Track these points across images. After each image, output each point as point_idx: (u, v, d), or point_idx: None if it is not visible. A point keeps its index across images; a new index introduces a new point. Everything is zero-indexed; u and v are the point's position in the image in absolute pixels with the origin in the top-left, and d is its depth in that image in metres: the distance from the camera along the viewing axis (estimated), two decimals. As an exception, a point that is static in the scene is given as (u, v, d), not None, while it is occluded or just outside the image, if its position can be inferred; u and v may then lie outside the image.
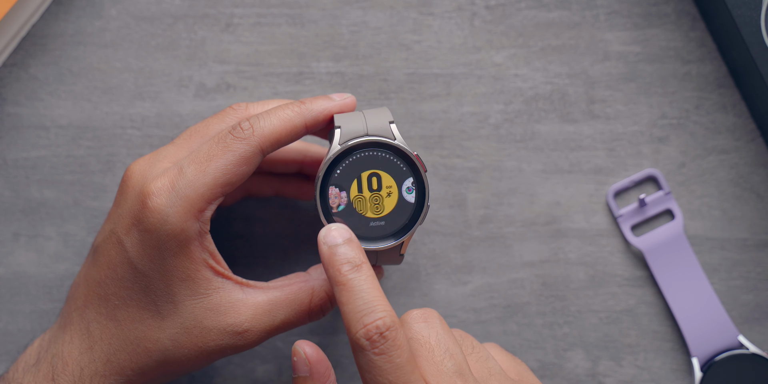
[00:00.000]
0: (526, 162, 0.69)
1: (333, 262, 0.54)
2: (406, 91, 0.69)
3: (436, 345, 0.53)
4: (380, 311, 0.52)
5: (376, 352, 0.51)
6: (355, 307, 0.52)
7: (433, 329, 0.54)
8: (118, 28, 0.69)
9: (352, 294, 0.52)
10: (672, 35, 0.69)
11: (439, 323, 0.54)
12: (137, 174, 0.58)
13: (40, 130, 0.69)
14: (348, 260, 0.53)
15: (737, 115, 0.69)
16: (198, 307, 0.58)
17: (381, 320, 0.51)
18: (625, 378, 0.68)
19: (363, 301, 0.52)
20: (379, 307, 0.52)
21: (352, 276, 0.53)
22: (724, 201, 0.69)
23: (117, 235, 0.58)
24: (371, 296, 0.52)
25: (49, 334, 0.62)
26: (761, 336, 0.68)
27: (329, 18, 0.69)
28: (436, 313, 0.55)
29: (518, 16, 0.69)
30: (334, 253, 0.54)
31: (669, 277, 0.68)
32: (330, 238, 0.54)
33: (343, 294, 0.52)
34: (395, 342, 0.51)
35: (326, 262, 0.54)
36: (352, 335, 0.51)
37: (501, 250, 0.68)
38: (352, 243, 0.54)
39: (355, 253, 0.54)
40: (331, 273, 0.53)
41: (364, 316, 0.51)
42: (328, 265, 0.54)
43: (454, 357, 0.53)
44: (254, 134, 0.57)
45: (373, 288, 0.52)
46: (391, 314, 0.52)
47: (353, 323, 0.52)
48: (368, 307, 0.52)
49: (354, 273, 0.53)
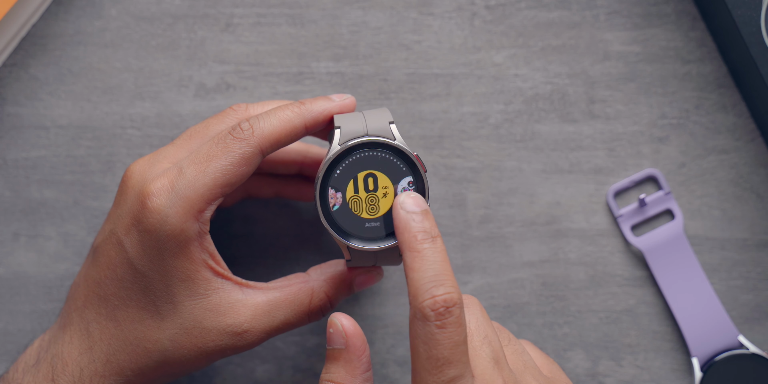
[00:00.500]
0: (526, 162, 0.69)
1: (409, 227, 0.53)
2: (406, 91, 0.69)
3: (476, 330, 0.53)
4: (450, 286, 0.51)
5: (438, 324, 0.51)
6: (425, 276, 0.51)
7: (474, 315, 0.54)
8: (118, 28, 0.69)
9: (426, 262, 0.52)
10: (672, 35, 0.69)
11: (479, 311, 0.54)
12: (137, 174, 0.58)
13: (40, 130, 0.69)
14: (425, 229, 0.53)
15: (737, 115, 0.69)
16: (197, 307, 0.58)
17: (450, 295, 0.51)
18: (625, 378, 0.68)
19: (435, 271, 0.52)
20: (449, 282, 0.51)
21: (427, 245, 0.52)
22: (724, 201, 0.69)
23: (117, 235, 0.58)
24: (443, 269, 0.52)
25: (48, 334, 0.62)
26: (761, 336, 0.68)
27: (329, 18, 0.69)
28: (477, 300, 0.55)
29: (518, 16, 0.69)
30: (412, 220, 0.53)
31: (669, 277, 0.68)
32: (408, 205, 0.54)
33: (416, 261, 0.52)
34: (458, 320, 0.51)
35: (401, 226, 0.53)
36: (418, 303, 0.51)
37: (501, 250, 0.68)
38: (429, 215, 0.54)
39: (432, 225, 0.53)
40: (407, 238, 0.53)
41: (434, 287, 0.51)
42: (403, 229, 0.53)
43: (492, 344, 0.53)
44: (254, 135, 0.57)
45: (446, 262, 0.52)
46: (459, 292, 0.51)
47: (421, 292, 0.51)
48: (439, 280, 0.51)
49: (429, 243, 0.53)
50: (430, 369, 0.51)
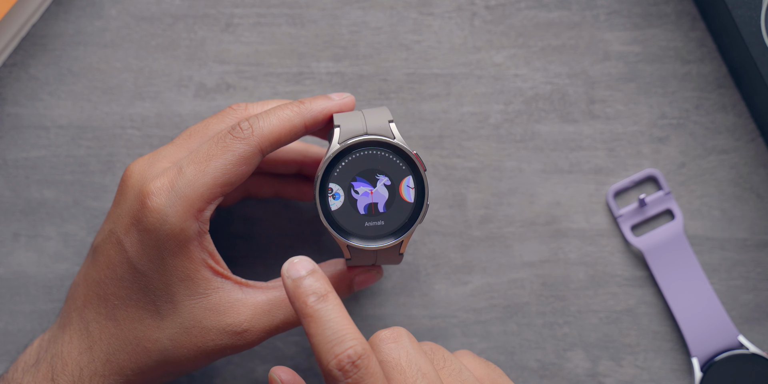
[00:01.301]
0: (526, 162, 0.69)
1: (298, 295, 0.52)
2: (406, 91, 0.69)
3: (407, 366, 0.52)
4: (350, 339, 0.50)
5: (349, 382, 0.50)
6: (324, 338, 0.51)
7: (403, 349, 0.53)
8: (118, 28, 0.69)
9: (320, 325, 0.51)
10: (672, 35, 0.69)
11: (408, 342, 0.53)
12: (137, 174, 0.58)
13: (40, 130, 0.69)
14: (313, 291, 0.52)
15: (737, 115, 0.69)
16: (197, 307, 0.58)
17: (352, 349, 0.50)
18: (625, 378, 0.68)
19: (332, 330, 0.51)
20: (349, 336, 0.51)
21: (318, 306, 0.51)
22: (724, 201, 0.69)
23: (116, 234, 0.58)
24: (340, 326, 0.51)
25: (48, 334, 0.62)
26: (761, 336, 0.68)
27: (329, 18, 0.69)
28: (405, 331, 0.54)
29: (518, 16, 0.69)
30: (299, 286, 0.52)
31: (669, 277, 0.68)
32: (293, 271, 0.53)
33: (311, 326, 0.51)
34: (368, 370, 0.50)
35: (291, 295, 0.52)
36: (324, 366, 0.50)
37: (501, 250, 0.68)
38: (316, 274, 0.53)
39: (321, 284, 0.52)
40: (298, 306, 0.52)
41: (335, 346, 0.50)
42: (293, 298, 0.52)
43: (426, 376, 0.52)
44: (253, 134, 0.57)
45: (341, 317, 0.51)
46: (361, 342, 0.51)
47: (324, 354, 0.50)
48: (338, 337, 0.51)
49: (320, 303, 0.52)
50: None
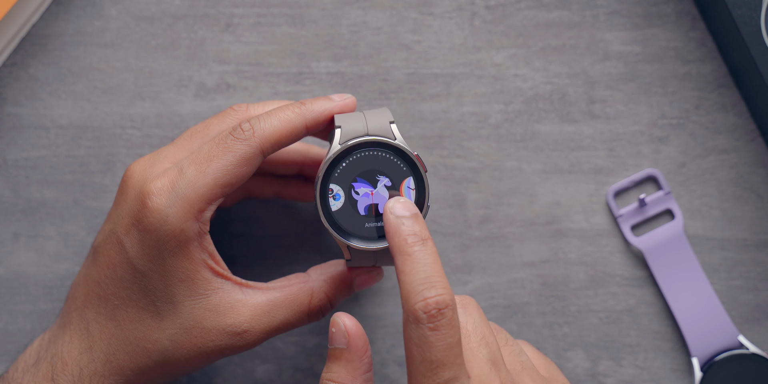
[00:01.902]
0: (526, 162, 0.69)
1: (400, 231, 0.53)
2: (406, 91, 0.69)
3: (473, 331, 0.53)
4: (441, 288, 0.51)
5: (431, 327, 0.50)
6: (417, 278, 0.51)
7: (471, 316, 0.53)
8: (118, 28, 0.69)
9: (416, 265, 0.52)
10: (672, 35, 0.69)
11: (476, 311, 0.54)
12: (137, 174, 0.58)
13: (40, 130, 0.69)
14: (414, 232, 0.53)
15: (737, 115, 0.69)
16: (197, 307, 0.58)
17: (442, 297, 0.51)
18: (625, 378, 0.68)
19: (426, 274, 0.51)
20: (441, 284, 0.51)
21: (417, 248, 0.52)
22: (724, 201, 0.69)
23: (117, 235, 0.58)
24: (434, 271, 0.52)
25: (48, 333, 0.62)
26: (761, 336, 0.68)
27: (329, 18, 0.69)
28: (474, 301, 0.55)
29: (518, 16, 0.69)
30: (402, 223, 0.53)
31: (669, 277, 0.68)
32: (398, 209, 0.54)
33: (407, 264, 0.52)
34: (451, 321, 0.51)
35: (392, 230, 0.53)
36: (410, 306, 0.51)
37: (501, 250, 0.68)
38: (419, 218, 0.54)
39: (422, 228, 0.53)
40: (397, 242, 0.53)
41: (425, 289, 0.51)
42: (394, 233, 0.53)
43: (489, 345, 0.53)
44: (255, 135, 0.57)
45: (437, 264, 0.52)
46: (451, 293, 0.51)
47: (413, 295, 0.51)
48: (431, 282, 0.51)
49: (420, 245, 0.52)
50: (425, 372, 0.51)
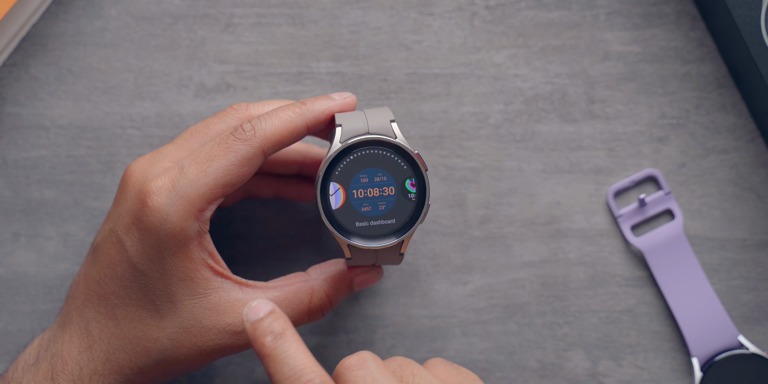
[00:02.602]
0: (526, 162, 0.69)
1: (256, 336, 0.52)
2: (406, 91, 0.69)
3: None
4: (309, 373, 0.51)
5: None
6: (282, 375, 0.51)
7: (369, 375, 0.52)
8: (118, 28, 0.69)
9: (278, 362, 0.51)
10: (672, 35, 0.69)
11: (374, 367, 0.53)
12: (137, 173, 0.58)
13: (40, 130, 0.69)
14: (270, 331, 0.52)
15: (737, 115, 0.69)
16: (197, 306, 0.58)
17: (311, 383, 0.50)
18: (625, 378, 0.68)
19: (289, 367, 0.51)
20: (307, 370, 0.51)
21: (275, 345, 0.52)
22: (724, 201, 0.69)
23: (117, 234, 0.58)
24: (296, 361, 0.51)
25: (48, 333, 0.62)
26: (761, 336, 0.68)
27: (329, 18, 0.69)
28: (369, 354, 0.53)
29: (518, 16, 0.69)
30: (256, 328, 0.53)
31: (669, 277, 0.68)
32: (251, 315, 0.53)
33: (270, 365, 0.51)
34: None
35: (251, 338, 0.53)
36: None
37: (501, 250, 0.68)
38: (274, 314, 0.53)
39: (278, 323, 0.52)
40: (256, 347, 0.52)
41: (293, 381, 0.50)
42: (252, 341, 0.53)
43: None
44: (256, 135, 0.57)
45: (299, 352, 0.51)
46: (320, 374, 0.51)
47: None
48: (295, 373, 0.51)
49: (276, 342, 0.52)
50: None
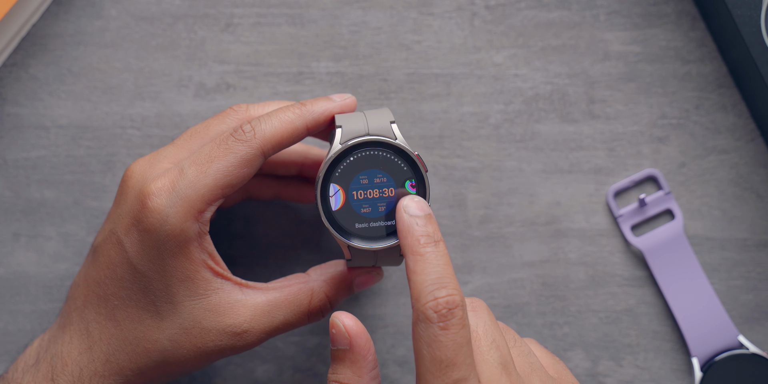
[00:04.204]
0: (526, 162, 0.69)
1: (413, 231, 0.53)
2: (406, 91, 0.69)
3: (483, 335, 0.53)
4: (452, 288, 0.51)
5: (441, 326, 0.50)
6: (428, 278, 0.51)
7: (481, 319, 0.53)
8: (118, 28, 0.69)
9: (428, 265, 0.52)
10: (672, 35, 0.69)
11: (486, 314, 0.54)
12: (137, 174, 0.58)
13: (40, 130, 0.69)
14: (427, 233, 0.53)
15: (737, 115, 0.69)
16: (197, 307, 0.58)
17: (452, 297, 0.51)
18: (625, 378, 0.68)
19: (437, 274, 0.52)
20: (452, 285, 0.51)
21: (430, 248, 0.52)
22: (724, 201, 0.69)
23: (116, 235, 0.58)
24: (446, 272, 0.52)
25: (48, 334, 0.62)
26: (761, 336, 0.68)
27: (329, 18, 0.69)
28: (484, 303, 0.55)
29: (518, 16, 0.69)
30: (416, 223, 0.53)
31: (669, 277, 0.68)
32: (411, 209, 0.54)
33: (419, 264, 0.52)
34: (461, 321, 0.51)
35: (405, 229, 0.53)
36: (421, 305, 0.51)
37: (501, 250, 0.68)
38: (432, 219, 0.54)
39: (435, 229, 0.53)
40: (409, 241, 0.53)
41: (437, 289, 0.51)
42: (406, 232, 0.53)
43: (499, 349, 0.53)
44: (256, 137, 0.57)
45: (448, 265, 0.52)
46: (461, 294, 0.51)
47: (424, 294, 0.51)
48: (442, 282, 0.51)
49: (432, 246, 0.53)
50: (434, 371, 0.51)
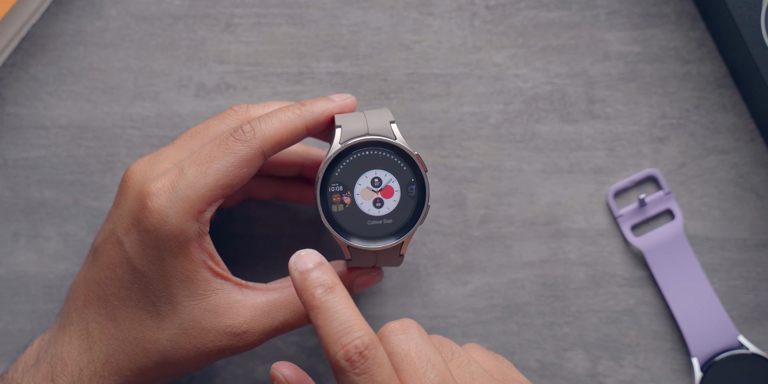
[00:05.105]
0: (526, 162, 0.69)
1: (306, 287, 0.52)
2: (406, 91, 0.69)
3: (417, 357, 0.52)
4: (357, 330, 0.50)
5: (357, 372, 0.50)
6: (331, 329, 0.51)
7: (413, 340, 0.52)
8: (118, 28, 0.69)
9: (328, 316, 0.51)
10: (672, 35, 0.69)
11: (418, 333, 0.53)
12: (137, 174, 0.59)
13: (40, 130, 0.69)
14: (321, 283, 0.52)
15: (737, 115, 0.69)
16: (197, 308, 0.58)
17: (359, 339, 0.50)
18: (625, 378, 0.68)
19: (339, 322, 0.51)
20: (356, 327, 0.51)
21: (325, 298, 0.52)
22: (724, 201, 0.69)
23: (116, 235, 0.58)
24: (347, 317, 0.51)
25: (48, 334, 0.62)
26: (761, 336, 0.68)
27: (329, 18, 0.69)
28: (414, 322, 0.54)
29: (518, 16, 0.69)
30: (306, 278, 0.52)
31: (669, 277, 0.68)
32: (301, 264, 0.53)
33: (319, 317, 0.51)
34: (375, 360, 0.50)
35: (299, 287, 0.53)
36: (332, 357, 0.50)
37: (501, 250, 0.68)
38: (324, 266, 0.53)
39: (328, 276, 0.52)
40: (305, 298, 0.52)
41: (342, 336, 0.50)
42: (300, 290, 0.52)
43: (436, 367, 0.52)
44: (255, 137, 0.57)
45: (349, 308, 0.51)
46: (368, 332, 0.51)
47: (331, 345, 0.50)
48: (345, 328, 0.51)
49: (327, 295, 0.52)
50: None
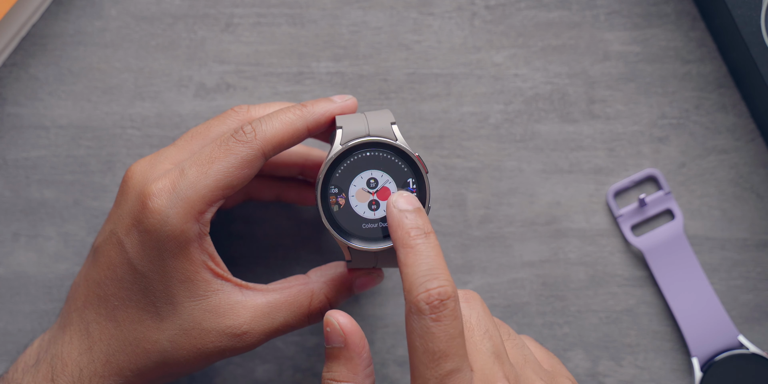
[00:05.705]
0: (526, 162, 0.69)
1: (402, 224, 0.53)
2: (406, 91, 0.69)
3: (476, 325, 0.53)
4: (444, 279, 0.51)
5: (433, 317, 0.51)
6: (419, 270, 0.52)
7: (474, 310, 0.54)
8: (118, 28, 0.69)
9: (419, 257, 0.52)
10: (672, 35, 0.69)
11: (480, 305, 0.54)
12: (138, 175, 0.59)
13: (40, 130, 0.69)
14: (418, 226, 0.53)
15: (737, 115, 0.69)
16: (197, 308, 0.58)
17: (444, 288, 0.51)
18: (625, 378, 0.68)
19: (429, 266, 0.52)
20: (443, 276, 0.52)
21: (420, 241, 0.53)
22: (724, 201, 0.69)
23: (117, 235, 0.58)
24: (437, 263, 0.52)
25: (48, 334, 0.62)
26: (761, 336, 0.68)
27: (329, 18, 0.69)
28: (478, 295, 0.55)
29: (518, 16, 0.69)
30: (405, 217, 0.54)
31: (669, 277, 0.68)
32: (400, 203, 0.54)
33: (410, 256, 0.52)
34: (453, 312, 0.51)
35: (395, 223, 0.54)
36: (413, 297, 0.51)
37: (501, 250, 0.68)
38: (421, 212, 0.54)
39: (425, 221, 0.54)
40: (400, 235, 0.53)
41: (428, 280, 0.51)
42: (396, 226, 0.54)
43: (492, 339, 0.53)
44: (256, 138, 0.57)
45: (440, 257, 0.52)
46: (453, 285, 0.51)
47: (415, 286, 0.51)
48: (433, 273, 0.51)
49: (422, 238, 0.53)
50: (427, 363, 0.51)
